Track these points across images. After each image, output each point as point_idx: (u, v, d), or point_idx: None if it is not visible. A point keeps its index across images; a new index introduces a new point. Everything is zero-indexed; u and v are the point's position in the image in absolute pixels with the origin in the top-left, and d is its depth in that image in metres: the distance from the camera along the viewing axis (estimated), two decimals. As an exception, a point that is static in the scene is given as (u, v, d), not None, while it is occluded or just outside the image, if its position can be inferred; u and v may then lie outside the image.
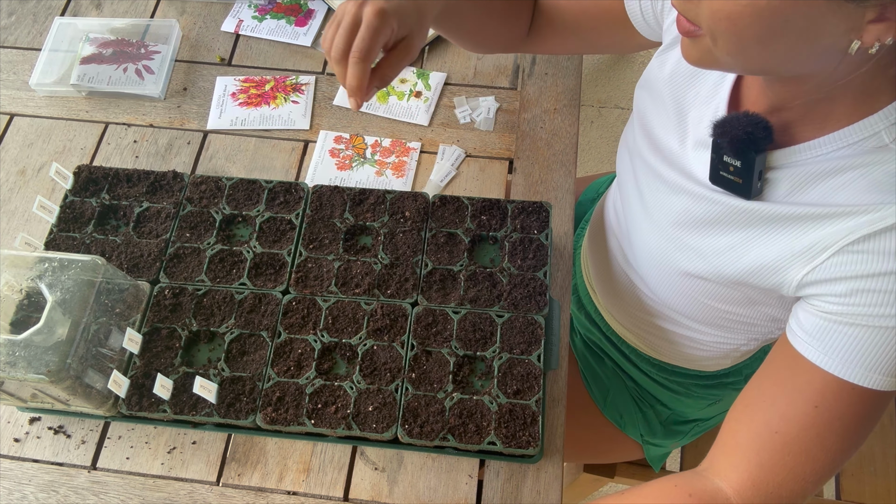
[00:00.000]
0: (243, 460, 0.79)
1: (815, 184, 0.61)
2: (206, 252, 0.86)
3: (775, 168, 0.63)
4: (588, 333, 1.05)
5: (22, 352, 0.69)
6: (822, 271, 0.60)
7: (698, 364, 0.95)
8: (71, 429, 0.81)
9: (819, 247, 0.60)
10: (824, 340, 0.60)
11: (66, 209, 0.89)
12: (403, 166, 0.99)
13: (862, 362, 0.58)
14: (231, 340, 0.81)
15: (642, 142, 0.78)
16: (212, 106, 1.04)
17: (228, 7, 1.14)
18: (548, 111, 1.03)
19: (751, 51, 0.54)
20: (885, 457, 1.12)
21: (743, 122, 0.62)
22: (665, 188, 0.74)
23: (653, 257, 0.79)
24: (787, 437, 0.61)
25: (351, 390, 0.77)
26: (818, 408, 0.60)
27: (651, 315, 0.89)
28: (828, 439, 0.60)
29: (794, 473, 0.61)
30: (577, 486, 1.22)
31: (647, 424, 1.03)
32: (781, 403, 0.61)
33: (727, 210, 0.67)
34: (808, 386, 0.60)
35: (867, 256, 0.57)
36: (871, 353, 0.58)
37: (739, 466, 0.63)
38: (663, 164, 0.74)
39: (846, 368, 0.59)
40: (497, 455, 0.78)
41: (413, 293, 0.83)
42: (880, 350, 0.58)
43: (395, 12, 0.67)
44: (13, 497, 0.77)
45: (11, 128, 1.03)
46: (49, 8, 1.15)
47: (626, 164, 0.83)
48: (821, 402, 0.60)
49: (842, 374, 0.59)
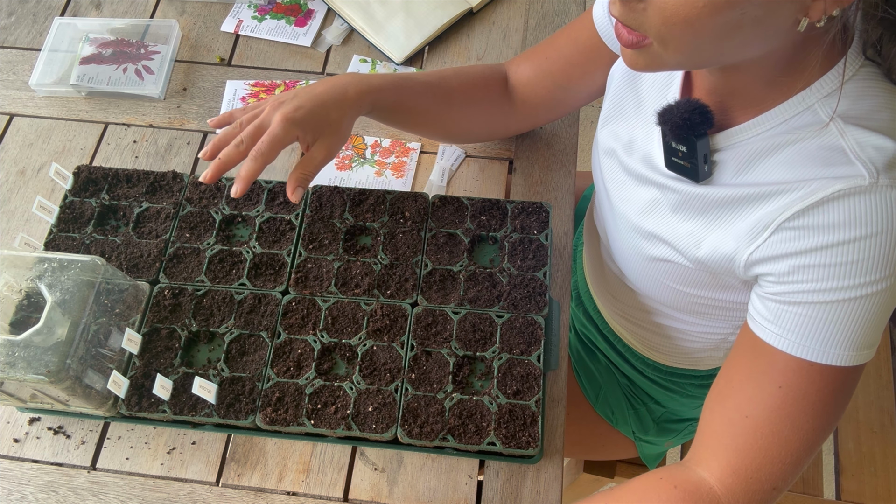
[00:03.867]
0: (243, 461, 0.79)
1: (756, 163, 0.63)
2: (205, 252, 0.86)
3: (720, 150, 0.65)
4: (584, 330, 1.06)
5: (21, 352, 0.69)
6: (764, 250, 0.61)
7: (691, 359, 0.95)
8: (70, 429, 0.81)
9: (760, 226, 0.61)
10: (777, 322, 0.60)
11: (66, 209, 0.89)
12: (403, 166, 0.99)
13: (816, 339, 0.59)
14: (231, 341, 0.81)
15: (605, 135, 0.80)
16: (221, 110, 1.03)
17: (228, 7, 1.14)
18: (548, 111, 1.03)
19: (704, 48, 0.54)
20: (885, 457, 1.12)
21: (682, 109, 0.63)
22: (629, 180, 0.76)
23: (623, 247, 0.80)
24: (758, 420, 0.61)
25: (351, 391, 0.77)
26: (782, 388, 0.60)
27: (638, 308, 0.89)
28: (797, 419, 0.60)
29: (769, 456, 0.61)
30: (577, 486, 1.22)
31: (640, 421, 1.04)
32: (748, 388, 0.62)
33: (683, 197, 0.69)
34: (771, 368, 0.61)
35: (801, 232, 0.58)
36: (823, 329, 0.58)
37: (718, 454, 0.63)
38: (625, 152, 0.76)
39: (801, 347, 0.59)
40: (497, 455, 0.78)
41: (413, 293, 0.83)
42: (831, 325, 0.58)
43: (301, 122, 0.73)
44: (13, 497, 0.77)
45: (11, 128, 1.03)
46: (49, 8, 1.15)
47: (596, 162, 0.85)
48: (784, 382, 0.60)
49: (798, 353, 0.59)
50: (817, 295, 0.58)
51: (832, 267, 0.57)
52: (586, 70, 0.84)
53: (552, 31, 1.11)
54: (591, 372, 1.05)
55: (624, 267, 0.84)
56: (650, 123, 0.72)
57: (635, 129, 0.75)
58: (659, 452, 1.09)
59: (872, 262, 0.56)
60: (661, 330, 0.90)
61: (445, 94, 0.86)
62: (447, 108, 0.87)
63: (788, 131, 0.61)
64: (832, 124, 0.58)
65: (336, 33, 1.10)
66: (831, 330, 0.58)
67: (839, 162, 0.57)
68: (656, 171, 0.72)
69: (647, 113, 0.73)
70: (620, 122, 0.77)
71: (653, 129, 0.72)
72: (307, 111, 0.74)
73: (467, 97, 0.87)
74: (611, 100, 0.80)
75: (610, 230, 0.84)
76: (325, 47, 1.10)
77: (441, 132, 0.92)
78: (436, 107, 0.86)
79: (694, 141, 0.63)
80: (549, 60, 0.86)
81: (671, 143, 0.66)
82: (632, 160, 0.75)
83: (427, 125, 0.89)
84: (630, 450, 1.08)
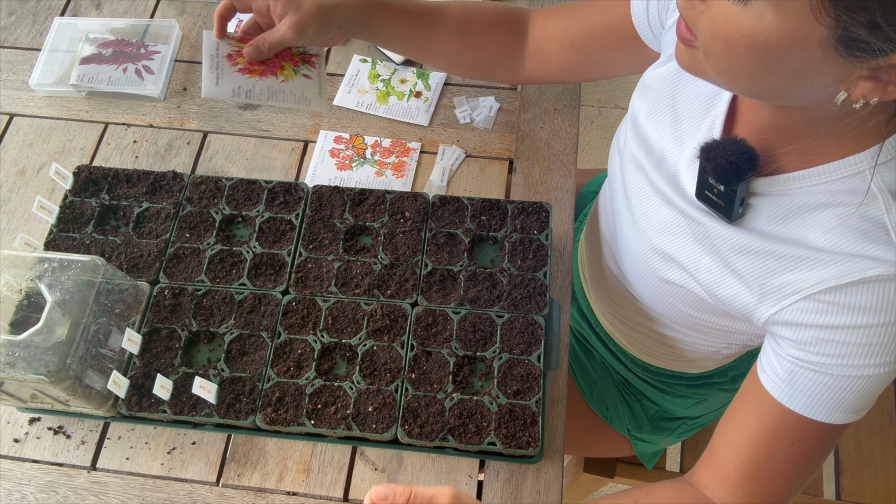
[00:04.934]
0: (243, 461, 0.79)
1: (794, 217, 0.62)
2: (205, 252, 0.86)
3: (758, 195, 0.64)
4: (578, 326, 1.06)
5: (21, 352, 0.69)
6: (789, 314, 0.62)
7: (681, 364, 0.95)
8: (70, 429, 0.81)
9: (789, 290, 0.62)
10: (791, 383, 0.63)
11: (66, 209, 0.89)
12: (403, 166, 0.99)
13: (825, 403, 0.62)
14: (231, 341, 0.81)
15: (634, 144, 0.78)
16: (204, 69, 0.82)
17: (228, 7, 1.14)
18: (548, 111, 1.03)
19: (739, 75, 0.54)
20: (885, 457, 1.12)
21: (728, 151, 0.62)
22: (655, 196, 0.74)
23: (636, 261, 0.79)
24: (772, 471, 0.66)
25: (351, 391, 0.77)
26: (795, 444, 0.65)
27: (635, 313, 0.89)
28: (802, 466, 0.66)
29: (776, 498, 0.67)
30: (577, 486, 1.21)
31: (634, 419, 1.04)
32: (760, 442, 0.66)
33: (710, 232, 0.68)
34: (782, 426, 0.65)
35: (831, 307, 0.59)
36: (833, 396, 0.62)
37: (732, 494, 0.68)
38: (654, 169, 0.74)
39: (811, 409, 0.63)
40: (497, 455, 0.78)
41: (413, 293, 0.83)
42: (842, 394, 0.62)
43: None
44: (13, 497, 0.77)
45: (11, 128, 1.03)
46: (49, 8, 1.15)
47: (616, 167, 0.83)
48: (797, 439, 0.65)
49: (809, 414, 0.63)
50: (835, 368, 0.61)
51: (855, 346, 0.59)
52: (607, 44, 0.83)
53: (552, 31, 1.11)
54: (586, 368, 1.05)
55: (631, 277, 0.83)
56: (684, 146, 0.70)
57: (667, 146, 0.73)
58: (655, 451, 1.09)
59: (893, 346, 0.58)
60: (656, 336, 0.90)
61: (438, 23, 0.85)
62: (438, 37, 0.86)
63: (833, 192, 0.59)
64: (880, 196, 0.57)
65: (336, 33, 1.10)
66: (841, 398, 0.62)
67: (880, 240, 0.57)
68: (683, 197, 0.70)
69: (682, 133, 0.71)
70: (652, 132, 0.75)
71: (684, 152, 0.70)
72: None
73: (465, 32, 0.86)
74: (646, 103, 0.77)
75: (623, 237, 0.82)
76: (325, 47, 1.10)
77: (431, 59, 0.92)
78: (422, 33, 0.85)
79: (735, 183, 0.62)
80: (573, 22, 0.85)
81: (707, 179, 0.64)
82: (659, 178, 0.73)
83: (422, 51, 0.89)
84: (626, 448, 1.08)
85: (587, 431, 1.06)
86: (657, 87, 0.75)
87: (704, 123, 0.69)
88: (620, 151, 0.82)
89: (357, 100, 1.04)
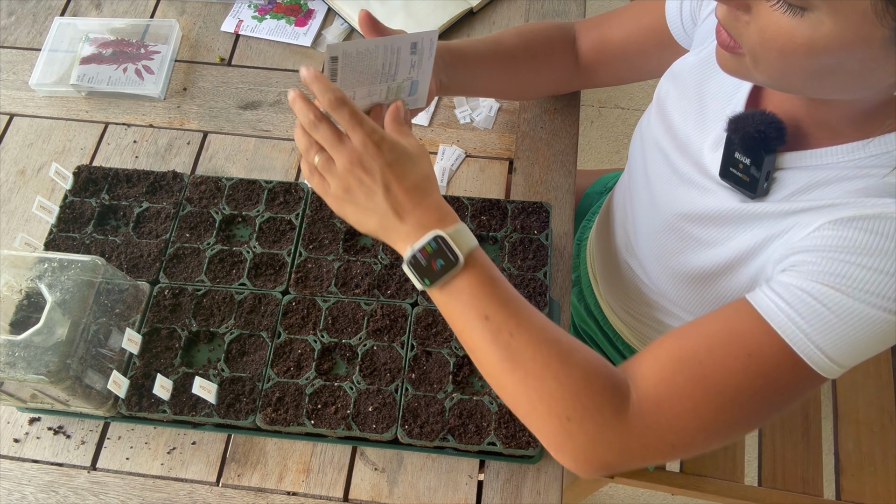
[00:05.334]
0: (243, 461, 0.79)
1: (819, 187, 0.61)
2: (205, 252, 0.86)
3: (783, 169, 0.63)
4: (583, 325, 1.06)
5: (21, 352, 0.69)
6: (804, 242, 0.58)
7: None
8: (70, 429, 0.81)
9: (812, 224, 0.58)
10: (782, 299, 0.57)
11: (66, 209, 0.89)
12: (403, 166, 0.99)
13: (812, 334, 0.55)
14: (231, 341, 0.81)
15: (658, 128, 0.78)
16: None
17: (228, 7, 1.14)
18: (548, 111, 1.03)
19: (793, 80, 0.54)
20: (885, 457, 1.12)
21: (757, 121, 0.61)
22: (675, 178, 0.74)
23: (654, 245, 0.79)
24: (707, 371, 0.58)
25: (351, 391, 0.77)
26: (751, 357, 0.57)
27: (648, 306, 0.89)
28: (743, 393, 0.58)
29: (695, 411, 0.58)
30: (577, 486, 1.22)
31: None
32: (716, 340, 0.59)
33: (731, 209, 0.67)
34: (749, 333, 0.58)
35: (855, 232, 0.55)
36: (824, 322, 0.55)
37: (651, 379, 0.60)
38: (677, 152, 0.74)
39: (792, 328, 0.56)
40: (497, 455, 0.78)
41: (413, 293, 0.83)
42: (834, 324, 0.55)
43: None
44: (13, 497, 0.77)
45: (11, 128, 1.03)
46: (49, 8, 1.14)
47: (638, 151, 0.84)
48: (755, 352, 0.57)
49: (786, 333, 0.56)
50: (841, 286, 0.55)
51: (871, 271, 0.54)
52: (643, 48, 0.85)
53: (552, 31, 1.11)
54: None
55: (646, 263, 0.83)
56: (708, 131, 0.70)
57: (691, 131, 0.73)
58: None
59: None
60: (664, 329, 0.90)
61: (508, 54, 0.86)
62: (512, 67, 0.88)
63: (861, 167, 0.59)
64: None
65: (336, 33, 1.10)
66: (838, 333, 0.55)
67: None
68: (707, 176, 0.70)
69: (707, 118, 0.71)
70: (677, 118, 0.75)
71: (709, 135, 0.70)
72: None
73: (530, 55, 0.88)
74: (674, 89, 0.77)
75: (640, 220, 0.83)
76: (325, 47, 1.10)
77: (509, 91, 0.94)
78: (499, 67, 0.86)
79: (762, 155, 0.61)
80: (611, 30, 0.88)
81: (734, 154, 0.64)
82: (681, 160, 0.74)
83: (492, 86, 0.90)
84: None
85: None
86: (685, 74, 0.76)
87: (729, 108, 0.69)
88: (643, 137, 0.83)
89: (357, 100, 1.04)
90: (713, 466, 1.11)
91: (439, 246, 0.60)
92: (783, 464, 1.12)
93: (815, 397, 1.17)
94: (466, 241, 0.61)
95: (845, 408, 1.16)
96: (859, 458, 1.12)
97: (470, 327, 0.61)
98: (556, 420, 0.59)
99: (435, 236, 0.60)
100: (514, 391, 0.60)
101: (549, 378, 0.59)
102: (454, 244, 0.60)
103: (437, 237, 0.60)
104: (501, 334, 0.60)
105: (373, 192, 0.61)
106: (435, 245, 0.60)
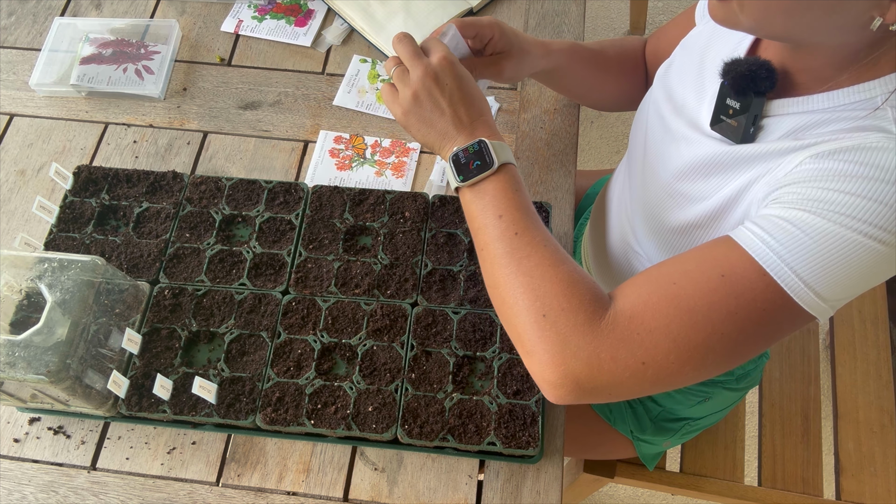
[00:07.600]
0: (243, 461, 0.79)
1: (805, 130, 0.63)
2: (205, 252, 0.86)
3: (770, 116, 0.65)
4: None
5: (22, 352, 0.69)
6: (786, 178, 0.59)
7: None
8: (70, 429, 0.81)
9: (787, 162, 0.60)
10: (764, 228, 0.57)
11: (66, 209, 0.89)
12: (403, 166, 0.99)
13: (784, 254, 0.56)
14: (231, 341, 0.81)
15: (659, 92, 0.81)
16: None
17: (228, 7, 1.14)
18: (548, 111, 1.03)
19: (775, 20, 0.56)
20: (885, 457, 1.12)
21: (749, 62, 0.64)
22: (668, 137, 0.76)
23: (648, 209, 0.80)
24: (681, 291, 0.58)
25: (351, 391, 0.77)
26: (724, 277, 0.57)
27: None
28: (716, 313, 0.57)
29: (668, 328, 0.58)
30: (577, 486, 1.22)
31: (637, 420, 1.03)
32: (691, 262, 0.60)
33: (717, 153, 0.68)
34: (723, 256, 0.58)
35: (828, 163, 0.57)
36: (796, 245, 0.55)
37: (630, 298, 0.61)
38: (673, 114, 0.76)
39: (764, 251, 0.56)
40: (497, 455, 0.78)
41: (413, 293, 0.83)
42: (815, 248, 0.55)
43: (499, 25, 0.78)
44: (13, 497, 0.77)
45: (11, 128, 1.03)
46: (49, 8, 1.15)
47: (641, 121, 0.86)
48: (728, 273, 0.57)
49: (764, 259, 0.56)
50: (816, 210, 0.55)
51: (848, 195, 0.54)
52: None
53: (552, 31, 1.11)
54: None
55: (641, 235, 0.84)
56: (704, 94, 0.73)
57: (689, 96, 0.75)
58: (657, 452, 1.09)
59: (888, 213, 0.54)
60: None
61: (605, 63, 0.92)
62: (604, 76, 0.93)
63: (845, 111, 0.60)
64: (889, 110, 0.57)
65: (336, 33, 1.10)
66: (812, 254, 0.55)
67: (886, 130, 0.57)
68: (698, 130, 0.71)
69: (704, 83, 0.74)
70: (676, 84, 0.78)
71: (706, 94, 0.72)
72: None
73: (621, 68, 0.94)
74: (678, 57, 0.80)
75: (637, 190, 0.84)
76: (325, 47, 1.10)
77: (594, 98, 0.98)
78: (594, 74, 0.92)
79: (752, 97, 0.64)
80: (660, 42, 0.92)
81: (725, 100, 0.66)
82: (676, 121, 0.75)
83: (584, 91, 0.95)
84: (628, 449, 1.08)
85: (590, 434, 1.06)
86: (691, 44, 0.79)
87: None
88: (644, 104, 0.85)
89: (357, 100, 1.04)
90: (713, 466, 1.11)
91: (480, 149, 0.68)
92: (783, 464, 1.12)
93: (815, 397, 1.17)
94: (506, 153, 0.68)
95: (845, 408, 1.16)
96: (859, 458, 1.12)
97: (485, 224, 0.67)
98: (532, 316, 0.61)
99: (479, 140, 0.68)
100: (503, 284, 0.64)
101: (536, 275, 0.63)
102: (494, 151, 0.67)
103: (481, 141, 0.68)
104: (508, 231, 0.65)
105: (438, 104, 0.69)
106: (476, 147, 0.68)
